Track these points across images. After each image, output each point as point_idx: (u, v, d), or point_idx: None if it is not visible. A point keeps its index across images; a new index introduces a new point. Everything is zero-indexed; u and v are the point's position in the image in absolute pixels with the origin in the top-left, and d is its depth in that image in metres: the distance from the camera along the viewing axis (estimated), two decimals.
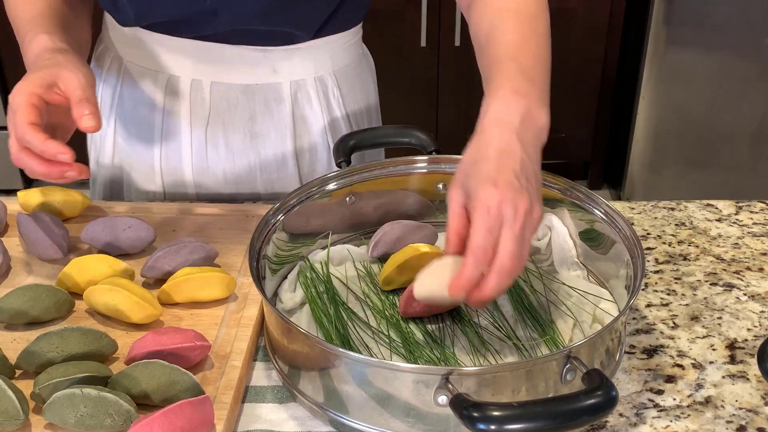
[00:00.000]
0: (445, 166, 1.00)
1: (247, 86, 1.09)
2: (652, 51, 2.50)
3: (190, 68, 1.08)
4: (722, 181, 2.67)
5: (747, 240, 1.04)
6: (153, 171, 1.14)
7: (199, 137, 1.11)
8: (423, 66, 2.65)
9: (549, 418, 0.65)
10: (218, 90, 1.09)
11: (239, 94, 1.09)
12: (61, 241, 0.96)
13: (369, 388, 0.74)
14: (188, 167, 1.13)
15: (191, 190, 1.14)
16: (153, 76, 1.10)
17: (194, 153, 1.12)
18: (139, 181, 1.16)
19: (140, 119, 1.13)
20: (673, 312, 0.92)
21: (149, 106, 1.11)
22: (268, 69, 1.08)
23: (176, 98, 1.10)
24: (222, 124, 1.10)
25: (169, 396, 0.75)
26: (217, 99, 1.09)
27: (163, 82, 1.09)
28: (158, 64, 1.09)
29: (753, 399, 0.81)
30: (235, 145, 1.12)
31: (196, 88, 1.09)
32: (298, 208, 0.93)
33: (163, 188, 1.15)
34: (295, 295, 0.91)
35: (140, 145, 1.14)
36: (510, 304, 0.90)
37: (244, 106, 1.10)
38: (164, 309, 0.89)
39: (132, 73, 1.11)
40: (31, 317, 0.86)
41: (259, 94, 1.09)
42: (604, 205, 0.92)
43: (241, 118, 1.10)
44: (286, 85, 1.10)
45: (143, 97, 1.11)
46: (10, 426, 0.73)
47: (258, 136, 1.12)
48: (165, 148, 1.13)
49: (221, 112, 1.10)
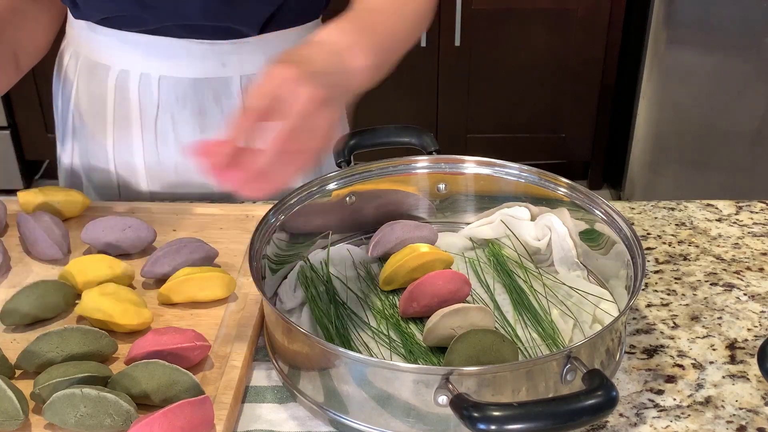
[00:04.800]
0: (445, 166, 1.00)
1: (195, 80, 1.08)
2: (652, 51, 2.50)
3: (138, 62, 1.08)
4: (722, 181, 2.67)
5: (747, 240, 1.04)
6: (107, 167, 1.15)
7: (150, 132, 1.11)
8: (423, 66, 2.65)
9: (549, 418, 0.65)
10: (167, 84, 1.09)
11: (188, 88, 1.09)
12: (61, 241, 0.96)
13: (369, 388, 0.74)
14: (140, 162, 1.13)
15: (144, 183, 1.15)
16: (105, 70, 1.10)
17: (145, 148, 1.12)
18: (96, 178, 1.17)
19: (94, 114, 1.13)
20: (673, 312, 0.92)
21: (101, 101, 1.12)
22: (217, 63, 1.08)
23: (126, 93, 1.10)
24: (171, 118, 1.10)
25: (169, 396, 0.75)
26: (166, 93, 1.09)
27: (114, 76, 1.10)
28: (109, 58, 1.09)
29: (753, 399, 0.81)
30: (185, 139, 1.11)
31: (145, 82, 1.09)
32: (298, 208, 0.93)
33: (118, 185, 1.16)
34: (295, 295, 0.91)
35: (94, 140, 1.15)
36: (510, 304, 0.90)
37: (193, 100, 1.09)
38: (164, 309, 0.89)
39: (86, 69, 1.12)
40: (41, 316, 0.86)
41: (208, 88, 1.09)
42: (604, 205, 0.92)
43: (191, 113, 1.10)
44: (236, 79, 1.09)
45: (96, 91, 1.12)
46: (10, 426, 0.73)
47: (208, 131, 1.11)
48: (117, 143, 1.13)
49: (170, 106, 1.10)
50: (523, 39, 2.63)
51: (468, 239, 1.00)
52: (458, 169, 1.00)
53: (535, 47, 2.65)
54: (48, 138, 2.75)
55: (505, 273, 0.94)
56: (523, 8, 2.59)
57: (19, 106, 2.75)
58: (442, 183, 1.00)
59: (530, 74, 2.69)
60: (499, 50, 2.66)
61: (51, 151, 1.33)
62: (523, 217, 0.98)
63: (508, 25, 2.61)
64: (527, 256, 0.97)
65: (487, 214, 1.01)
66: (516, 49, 2.64)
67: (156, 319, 0.88)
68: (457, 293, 0.87)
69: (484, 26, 2.60)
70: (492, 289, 0.93)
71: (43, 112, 2.73)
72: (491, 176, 0.99)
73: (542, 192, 0.97)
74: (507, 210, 0.99)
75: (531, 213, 0.99)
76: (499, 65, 2.68)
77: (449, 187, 1.01)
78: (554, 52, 2.66)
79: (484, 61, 2.67)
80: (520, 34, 2.62)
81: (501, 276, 0.94)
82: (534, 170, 0.97)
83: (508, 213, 0.99)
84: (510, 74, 2.69)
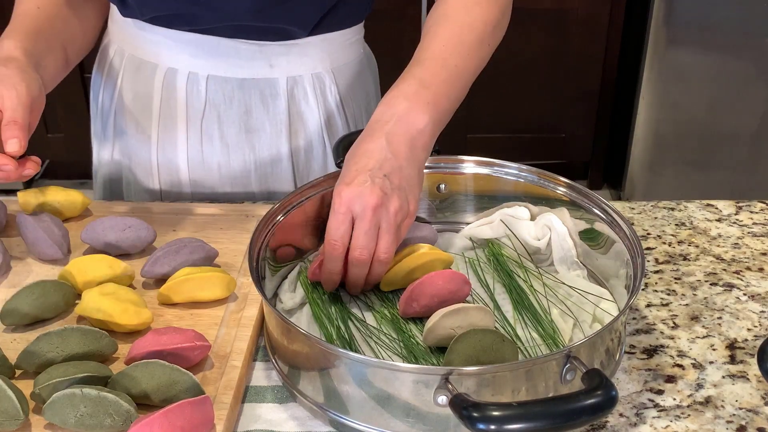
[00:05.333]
0: (445, 166, 1.00)
1: (243, 80, 1.09)
2: (652, 51, 2.50)
3: (187, 61, 1.08)
4: (722, 181, 2.67)
5: (747, 240, 1.04)
6: (150, 164, 1.15)
7: (195, 130, 1.12)
8: None
9: (549, 418, 0.65)
10: (214, 83, 1.09)
11: (235, 87, 1.09)
12: (61, 241, 0.96)
13: (369, 388, 0.74)
14: (183, 160, 1.13)
15: (186, 182, 1.15)
16: (152, 68, 1.11)
17: (190, 146, 1.12)
18: (137, 176, 1.17)
19: (138, 112, 1.13)
20: (673, 312, 0.92)
21: (147, 98, 1.12)
22: (265, 64, 1.08)
23: (173, 91, 1.10)
24: (217, 117, 1.11)
25: (169, 396, 0.75)
26: (213, 92, 1.09)
27: (161, 74, 1.10)
28: (156, 56, 1.10)
29: (753, 399, 0.81)
30: (230, 138, 1.12)
31: (193, 80, 1.09)
32: (298, 209, 0.93)
33: (159, 183, 1.16)
34: (295, 296, 0.91)
35: (138, 137, 1.15)
36: (510, 304, 0.90)
37: (240, 100, 1.10)
38: (164, 309, 0.89)
39: (132, 66, 1.13)
40: (41, 316, 0.86)
41: (255, 89, 1.10)
42: (604, 205, 0.92)
43: (237, 112, 1.11)
44: (282, 80, 1.10)
45: (142, 89, 1.12)
46: (10, 426, 0.73)
47: (253, 131, 1.12)
48: (161, 141, 1.13)
49: (217, 105, 1.10)
50: (523, 39, 2.63)
51: (468, 239, 1.00)
52: (458, 169, 1.00)
53: (535, 47, 2.65)
54: (48, 138, 2.75)
55: (505, 273, 0.94)
56: (522, 8, 2.57)
57: None
58: (442, 183, 1.00)
59: (530, 74, 2.69)
60: (499, 50, 2.65)
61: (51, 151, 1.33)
62: (522, 217, 0.98)
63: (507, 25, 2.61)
64: (527, 256, 0.97)
65: (486, 214, 1.01)
66: (516, 49, 2.65)
67: (156, 319, 0.88)
68: (457, 293, 0.87)
69: None
70: (492, 289, 0.93)
71: (44, 111, 2.73)
72: (491, 176, 0.99)
73: (542, 192, 0.97)
74: (507, 210, 0.99)
75: (531, 213, 0.99)
76: (499, 65, 2.67)
77: (449, 187, 1.01)
78: (554, 52, 2.66)
79: None
80: (520, 34, 2.62)
81: (501, 276, 0.94)
82: (533, 170, 0.97)
83: (507, 213, 0.99)
84: (510, 74, 2.69)
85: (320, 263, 0.87)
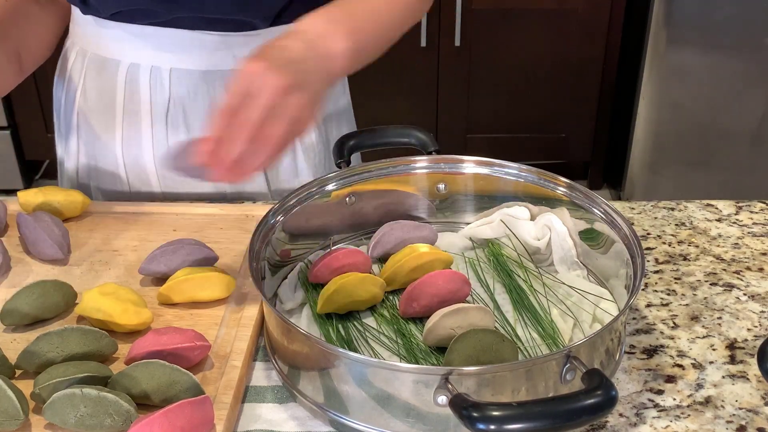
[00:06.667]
0: (445, 166, 1.00)
1: (206, 72, 1.08)
2: (652, 51, 2.50)
3: (149, 55, 1.08)
4: (722, 181, 2.67)
5: (747, 240, 1.04)
6: (116, 164, 1.14)
7: (160, 125, 1.11)
8: (423, 66, 2.65)
9: (549, 418, 0.65)
10: (178, 77, 1.08)
11: (199, 80, 1.09)
12: (61, 241, 0.96)
13: (369, 388, 0.74)
14: (149, 155, 1.13)
15: (155, 181, 1.14)
16: (114, 65, 1.10)
17: (155, 141, 1.12)
18: (104, 178, 1.16)
19: (102, 111, 1.13)
20: (673, 312, 0.92)
21: (110, 96, 1.11)
22: (228, 55, 1.08)
23: (136, 86, 1.10)
24: (183, 111, 1.10)
25: (169, 396, 0.75)
26: (177, 86, 1.09)
27: (124, 70, 1.09)
28: (119, 52, 1.09)
29: (753, 399, 0.81)
30: (196, 133, 1.10)
31: (156, 75, 1.09)
32: (297, 209, 0.93)
33: (128, 183, 1.15)
34: (295, 296, 0.91)
35: (103, 136, 1.14)
36: (510, 304, 0.91)
37: (205, 92, 1.09)
38: (164, 309, 0.89)
39: (94, 65, 1.12)
40: (41, 316, 0.86)
41: (219, 81, 1.09)
42: (604, 205, 0.92)
43: (202, 106, 1.10)
44: None
45: (105, 87, 1.11)
46: (10, 426, 0.73)
47: None
48: (126, 139, 1.13)
49: (181, 99, 1.10)
50: (523, 39, 2.63)
51: (468, 239, 1.00)
52: (458, 169, 1.00)
53: (535, 47, 2.65)
54: (48, 138, 2.75)
55: (504, 273, 0.94)
56: (523, 8, 2.59)
57: (19, 106, 2.75)
58: (442, 183, 1.00)
59: (530, 74, 2.69)
60: (499, 50, 2.66)
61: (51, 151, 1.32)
62: (522, 217, 0.98)
63: (508, 25, 2.61)
64: (527, 256, 0.97)
65: (486, 214, 1.01)
66: (516, 49, 2.65)
67: (156, 319, 0.88)
68: (457, 293, 0.87)
69: (484, 26, 2.60)
70: (492, 289, 0.93)
71: (43, 112, 2.73)
72: (491, 176, 0.99)
73: (542, 191, 0.97)
74: (507, 210, 0.99)
75: (531, 213, 0.99)
76: (499, 65, 2.68)
77: (449, 187, 1.01)
78: (554, 52, 2.66)
79: (484, 61, 2.67)
80: (520, 34, 2.62)
81: (501, 276, 0.94)
82: (533, 170, 0.97)
83: (507, 213, 0.99)
84: (510, 74, 2.69)
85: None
